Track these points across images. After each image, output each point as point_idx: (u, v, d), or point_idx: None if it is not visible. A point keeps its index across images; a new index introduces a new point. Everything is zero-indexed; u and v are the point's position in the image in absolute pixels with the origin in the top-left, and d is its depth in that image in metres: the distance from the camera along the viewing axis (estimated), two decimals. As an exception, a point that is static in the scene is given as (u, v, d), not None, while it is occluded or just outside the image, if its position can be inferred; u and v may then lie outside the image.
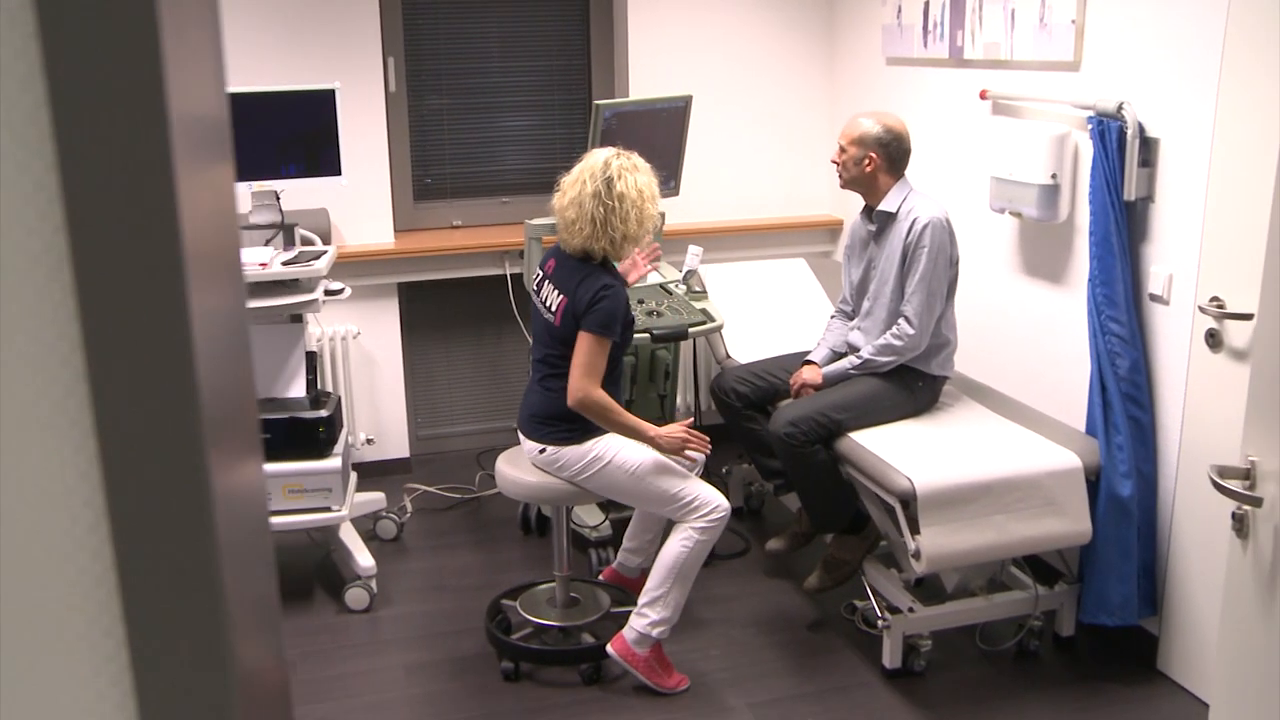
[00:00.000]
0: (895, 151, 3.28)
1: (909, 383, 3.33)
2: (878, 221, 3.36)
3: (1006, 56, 3.54)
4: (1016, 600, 3.20)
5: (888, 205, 3.30)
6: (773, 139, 4.75)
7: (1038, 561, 3.39)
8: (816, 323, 3.90)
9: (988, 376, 3.70)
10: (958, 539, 2.94)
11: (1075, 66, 3.26)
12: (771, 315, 4.18)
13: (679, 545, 2.98)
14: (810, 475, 3.26)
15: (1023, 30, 3.44)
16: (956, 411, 3.43)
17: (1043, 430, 3.23)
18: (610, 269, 3.00)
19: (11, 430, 0.60)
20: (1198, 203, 2.88)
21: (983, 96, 3.65)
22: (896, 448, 3.11)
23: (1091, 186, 3.08)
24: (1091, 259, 3.07)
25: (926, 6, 3.93)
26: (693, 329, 3.59)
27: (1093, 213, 3.07)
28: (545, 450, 3.04)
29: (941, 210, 3.26)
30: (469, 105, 4.63)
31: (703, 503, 2.98)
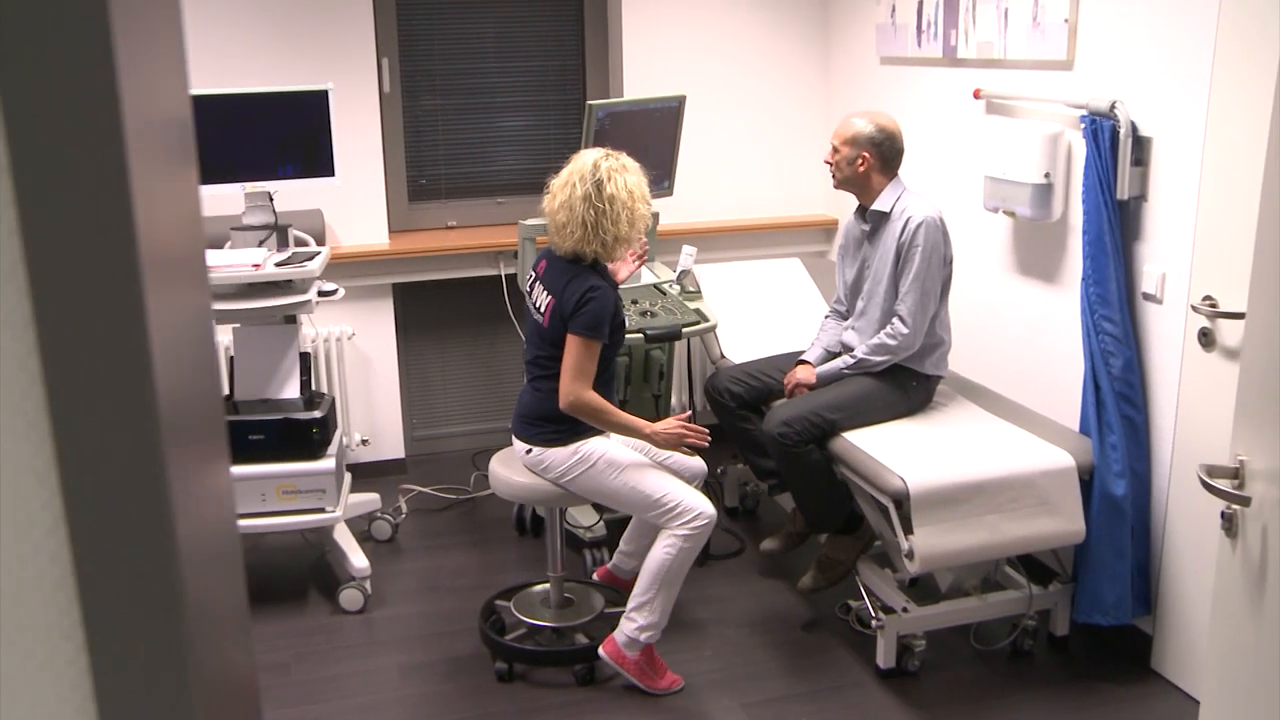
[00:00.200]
0: (888, 151, 3.28)
1: (903, 382, 3.33)
2: (871, 221, 3.36)
3: (1000, 56, 3.54)
4: (1010, 600, 3.19)
5: (881, 205, 3.30)
6: (767, 139, 4.74)
7: (1032, 561, 3.39)
8: (812, 323, 3.89)
9: (982, 376, 3.69)
10: (951, 539, 2.94)
11: (1068, 66, 3.26)
12: (767, 315, 4.17)
13: (662, 552, 2.97)
14: (804, 475, 3.26)
15: (1016, 29, 3.44)
16: (950, 411, 3.42)
17: (1036, 429, 3.22)
18: (599, 270, 3.00)
19: (-31, 433, 0.60)
20: (1190, 202, 2.87)
21: (976, 96, 3.64)
22: (890, 447, 3.11)
23: (1085, 186, 3.07)
24: (1085, 258, 3.06)
25: (920, 6, 3.92)
26: (686, 329, 3.59)
27: (1086, 212, 3.07)
28: (532, 451, 3.04)
29: (935, 209, 3.26)
30: (463, 106, 4.63)
31: (686, 509, 2.95)
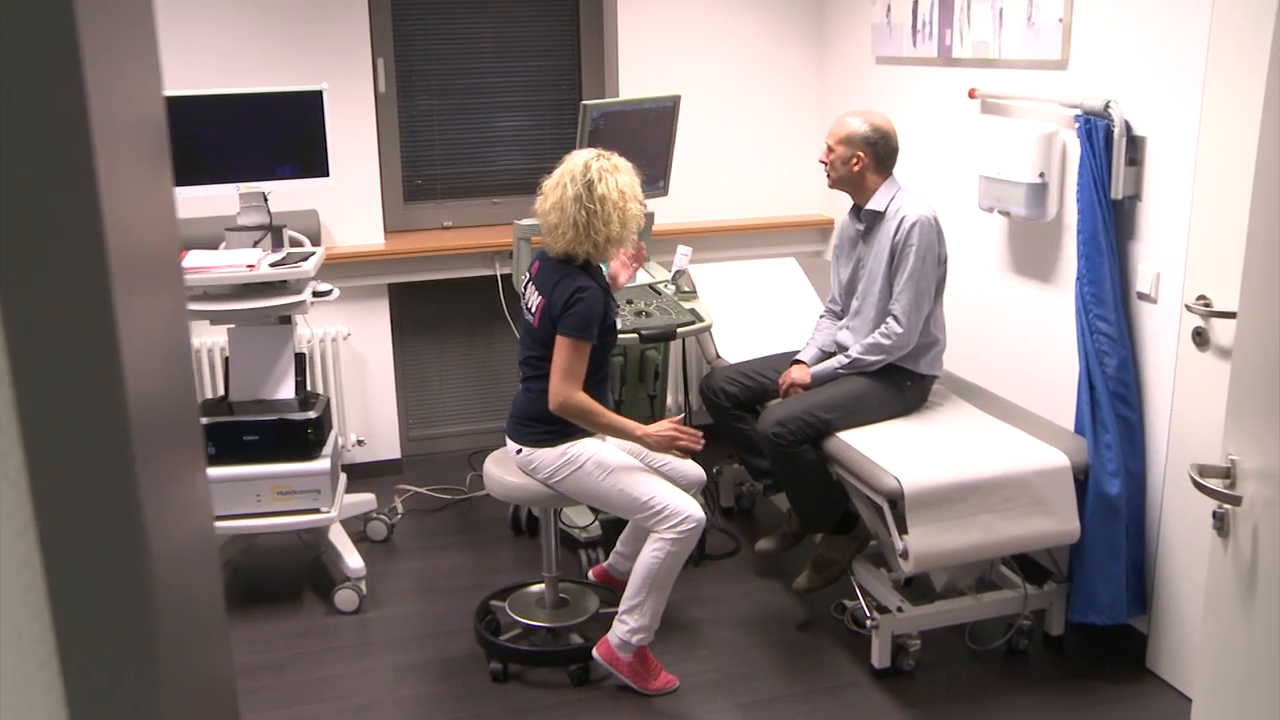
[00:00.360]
0: (883, 150, 3.28)
1: (897, 382, 3.33)
2: (866, 221, 3.35)
3: (995, 55, 3.54)
4: (1005, 599, 3.19)
5: (876, 204, 3.30)
6: (763, 138, 4.74)
7: (1027, 560, 3.39)
8: (807, 322, 3.89)
9: (976, 375, 3.69)
10: (945, 538, 2.93)
11: (1063, 65, 3.26)
12: (762, 315, 4.17)
13: (651, 555, 2.95)
14: (799, 475, 3.26)
15: (1011, 29, 3.44)
16: (945, 411, 3.42)
17: (1031, 429, 3.22)
18: (590, 271, 2.99)
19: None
20: (1184, 201, 2.87)
21: (971, 95, 3.64)
22: (884, 447, 3.11)
23: (1079, 185, 3.07)
24: (1079, 258, 3.06)
25: (915, 5, 3.92)
26: (681, 329, 3.59)
27: (1080, 211, 3.06)
28: (522, 451, 3.04)
29: (929, 209, 3.25)
30: (459, 106, 4.62)
31: (673, 512, 2.93)
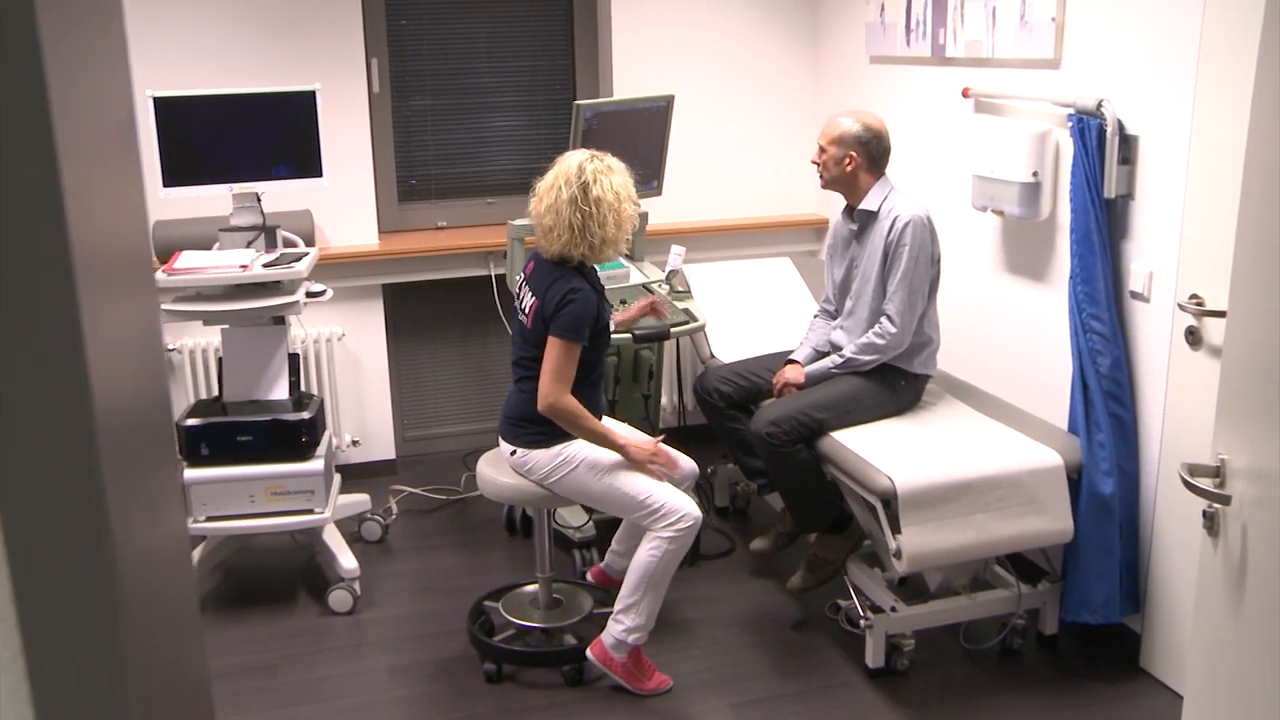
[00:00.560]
0: (875, 150, 3.27)
1: (891, 381, 3.33)
2: (859, 220, 3.35)
3: (988, 54, 3.54)
4: (999, 599, 3.19)
5: (869, 204, 3.29)
6: (757, 138, 4.74)
7: (1022, 560, 3.39)
8: (802, 322, 3.89)
9: (970, 375, 3.69)
10: (939, 538, 2.93)
11: (1056, 64, 3.26)
12: (757, 315, 4.17)
13: (648, 554, 2.96)
14: (792, 475, 3.26)
15: (1004, 28, 3.44)
16: (939, 410, 3.42)
17: (1024, 428, 3.22)
18: (584, 272, 2.99)
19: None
20: (1177, 200, 2.87)
21: (965, 95, 3.64)
22: (878, 447, 3.10)
23: (1072, 184, 3.07)
24: (1073, 257, 3.06)
25: (909, 5, 3.92)
26: (675, 329, 3.58)
27: (1073, 210, 3.06)
28: (516, 452, 3.04)
29: (922, 208, 3.25)
30: (453, 106, 4.62)
31: (670, 511, 2.94)
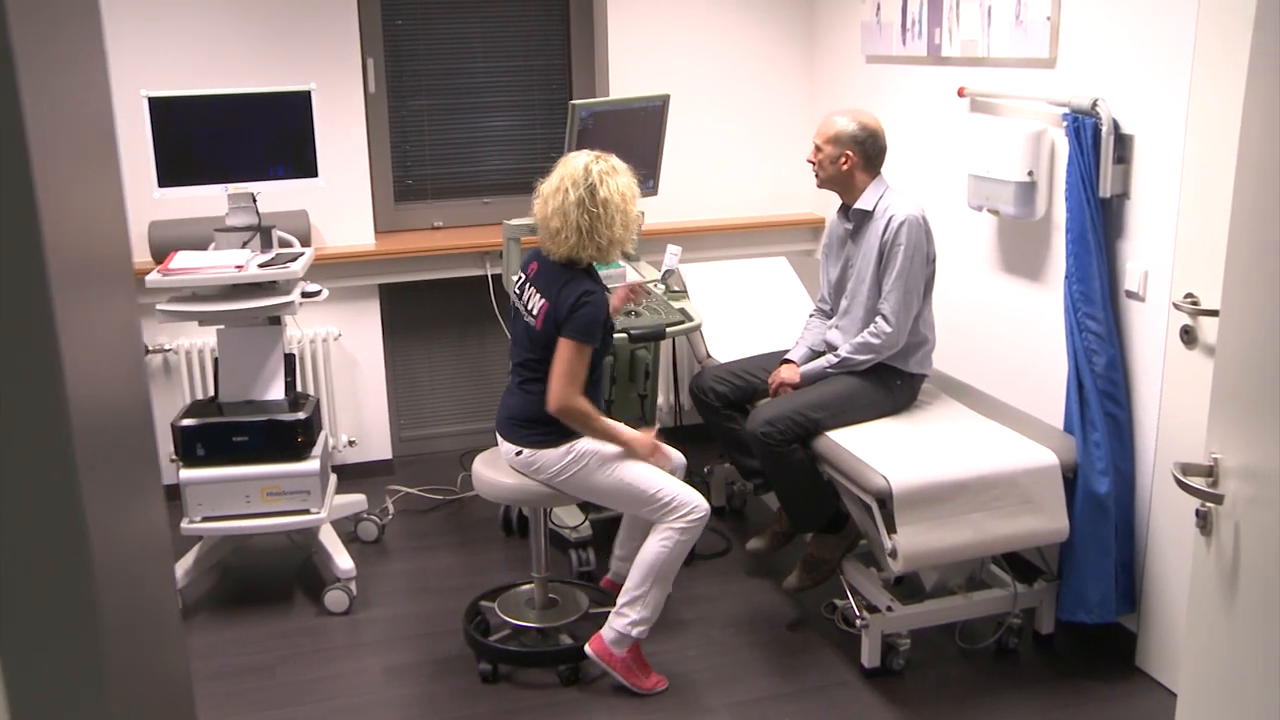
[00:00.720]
0: (871, 149, 3.27)
1: (887, 381, 3.33)
2: (854, 220, 3.35)
3: (983, 54, 3.54)
4: (995, 598, 3.19)
5: (864, 203, 3.29)
6: (753, 137, 4.74)
7: (1017, 559, 3.38)
8: (799, 321, 3.88)
9: (965, 374, 3.69)
10: (934, 537, 2.93)
11: (1051, 64, 3.26)
12: (753, 314, 4.17)
13: (658, 545, 2.98)
14: (788, 474, 3.26)
15: (999, 27, 3.44)
16: (935, 409, 3.42)
17: (1020, 428, 3.22)
18: (593, 274, 2.99)
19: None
20: (1172, 199, 2.87)
21: (960, 94, 3.64)
22: (873, 446, 3.11)
23: (1067, 184, 3.07)
24: (1068, 256, 3.06)
25: (905, 4, 3.92)
26: (670, 329, 3.58)
27: (1069, 210, 3.06)
28: (522, 453, 3.03)
29: (918, 208, 3.25)
30: (449, 106, 4.62)
31: (681, 503, 2.98)
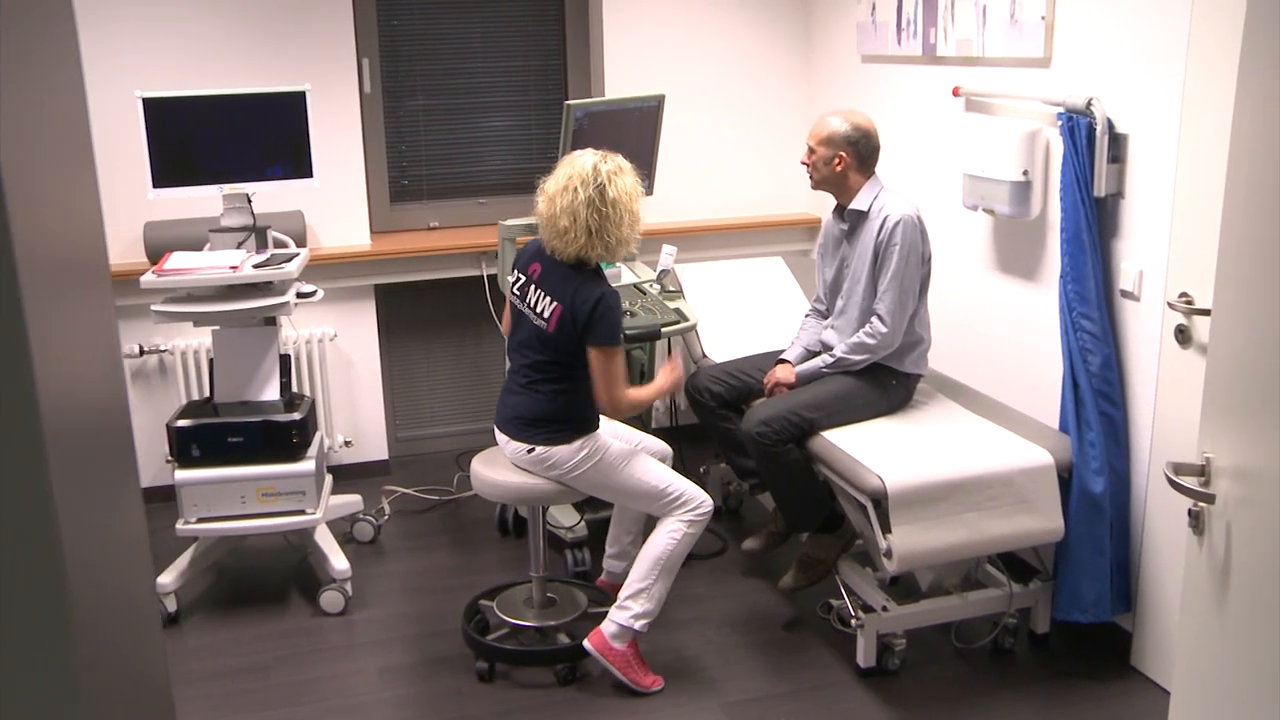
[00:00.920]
0: (864, 149, 3.27)
1: (882, 381, 3.33)
2: (849, 220, 3.35)
3: (978, 53, 3.54)
4: (991, 598, 3.19)
5: (859, 204, 3.29)
6: (749, 137, 4.74)
7: (1013, 559, 3.39)
8: (794, 321, 3.88)
9: (961, 374, 3.69)
10: (929, 537, 2.93)
11: (1045, 63, 3.26)
12: (750, 314, 4.17)
13: (666, 538, 3.01)
14: (783, 474, 3.26)
15: (994, 27, 3.44)
16: (930, 409, 3.42)
17: (1015, 427, 3.22)
18: (601, 274, 3.00)
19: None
20: (1166, 198, 2.87)
21: (955, 94, 3.64)
22: (868, 446, 3.11)
23: (1062, 183, 3.07)
24: (1063, 255, 3.06)
25: (900, 4, 3.92)
26: (665, 329, 3.58)
27: (1064, 209, 3.06)
28: (535, 450, 3.02)
29: (913, 208, 3.25)
30: (445, 106, 4.62)
31: (690, 497, 3.04)
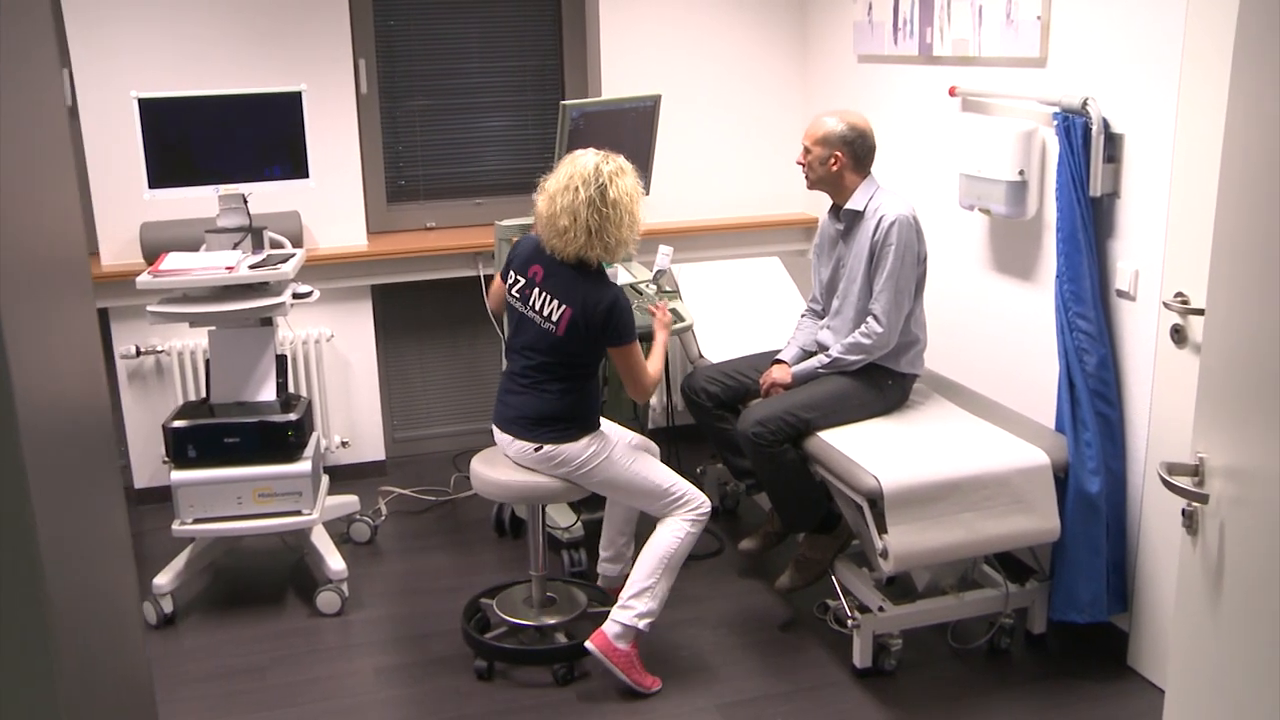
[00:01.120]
0: (860, 149, 3.27)
1: (878, 381, 3.33)
2: (845, 220, 3.35)
3: (974, 53, 3.54)
4: (987, 598, 3.19)
5: (855, 204, 3.29)
6: (746, 137, 4.74)
7: (1010, 559, 3.39)
8: (790, 321, 3.88)
9: (957, 374, 3.69)
10: (926, 537, 2.93)
11: (1041, 63, 3.26)
12: (746, 314, 4.16)
13: (670, 537, 3.04)
14: (779, 475, 3.26)
15: (990, 27, 3.44)
16: (926, 409, 3.42)
17: (1011, 427, 3.22)
18: (604, 274, 3.01)
19: None
20: (1162, 198, 2.87)
21: (952, 93, 3.64)
22: (864, 446, 3.10)
23: (1058, 183, 3.07)
24: (1059, 255, 3.06)
25: (896, 4, 3.92)
26: (662, 329, 3.57)
27: (1059, 209, 3.06)
28: (542, 448, 3.02)
29: (908, 207, 3.25)
30: (442, 106, 4.61)
31: (692, 497, 3.08)
